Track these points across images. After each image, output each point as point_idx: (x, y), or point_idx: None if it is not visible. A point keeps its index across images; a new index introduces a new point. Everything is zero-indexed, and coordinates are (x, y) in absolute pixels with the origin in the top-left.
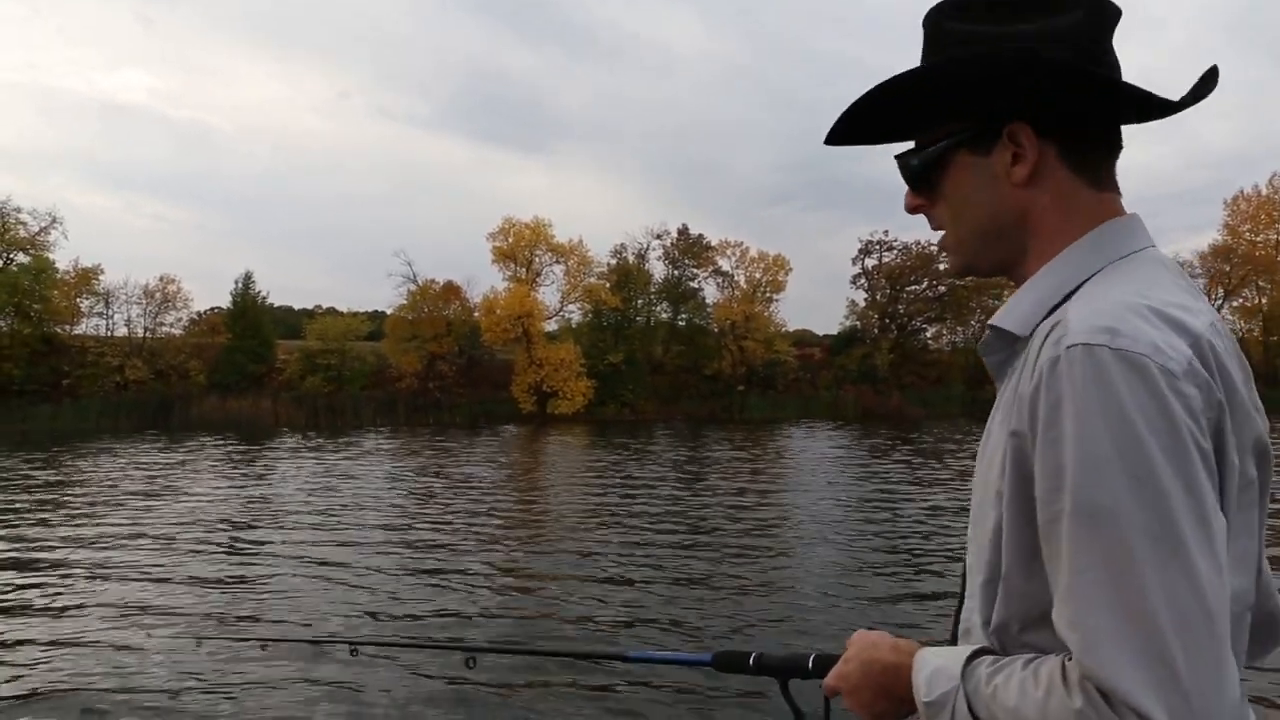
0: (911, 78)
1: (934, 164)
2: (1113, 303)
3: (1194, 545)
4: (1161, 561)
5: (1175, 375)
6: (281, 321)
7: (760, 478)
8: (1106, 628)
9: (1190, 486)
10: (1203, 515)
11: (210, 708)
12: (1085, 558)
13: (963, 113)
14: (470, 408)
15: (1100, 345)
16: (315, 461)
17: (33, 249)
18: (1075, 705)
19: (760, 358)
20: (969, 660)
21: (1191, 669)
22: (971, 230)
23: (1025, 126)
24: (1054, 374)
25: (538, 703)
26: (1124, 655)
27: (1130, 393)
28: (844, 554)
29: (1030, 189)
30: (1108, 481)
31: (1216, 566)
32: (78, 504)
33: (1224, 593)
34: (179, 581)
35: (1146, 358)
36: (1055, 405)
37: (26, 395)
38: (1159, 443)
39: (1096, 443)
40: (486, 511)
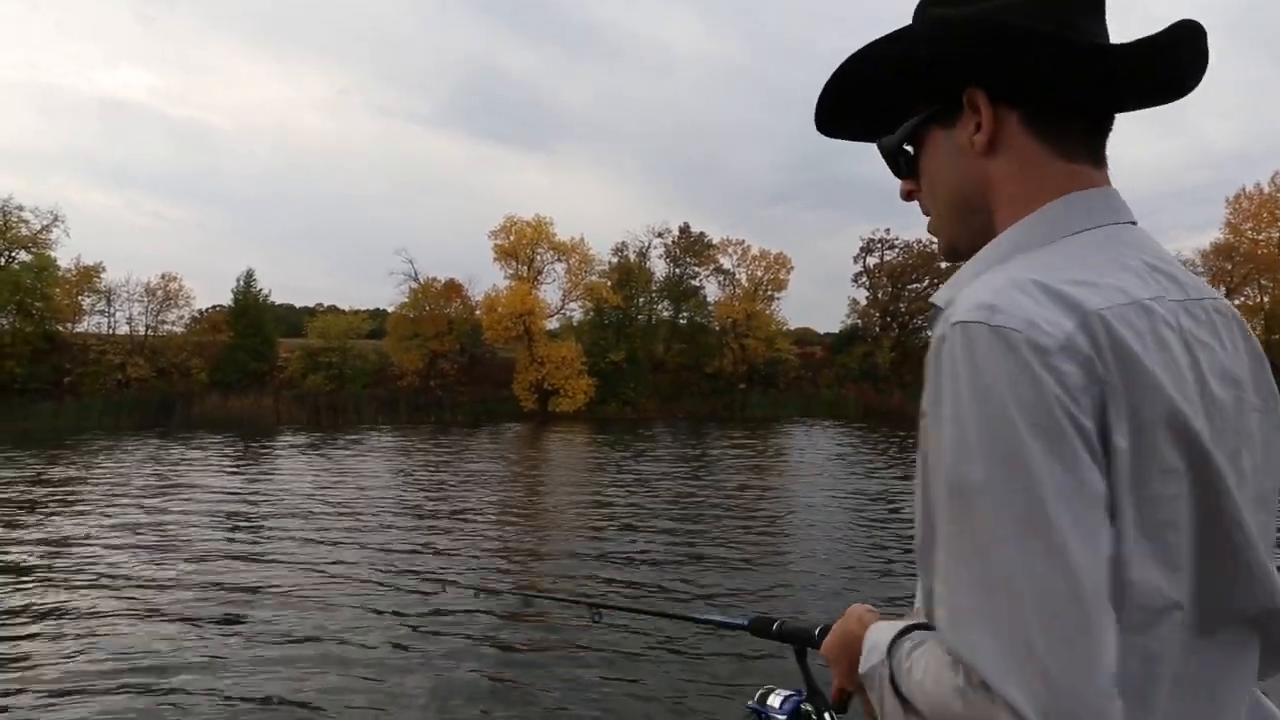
0: (868, 52)
1: (910, 142)
2: (1005, 279)
3: (1061, 523)
4: (1024, 540)
5: (1048, 350)
6: (283, 320)
7: (764, 474)
8: (968, 606)
9: (1060, 464)
10: (1073, 493)
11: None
12: (954, 537)
13: (927, 88)
14: (472, 406)
15: (978, 322)
16: (318, 460)
17: (34, 247)
18: (958, 682)
19: (761, 356)
20: (898, 635)
21: (1052, 651)
22: (945, 205)
23: (979, 91)
24: (936, 353)
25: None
26: (984, 635)
27: (999, 369)
28: (857, 544)
29: (994, 158)
30: (975, 459)
31: (1085, 545)
32: (79, 501)
33: (1096, 572)
34: (182, 581)
35: (1018, 333)
36: (936, 385)
37: (28, 393)
38: (1027, 420)
39: (966, 421)
40: (500, 506)
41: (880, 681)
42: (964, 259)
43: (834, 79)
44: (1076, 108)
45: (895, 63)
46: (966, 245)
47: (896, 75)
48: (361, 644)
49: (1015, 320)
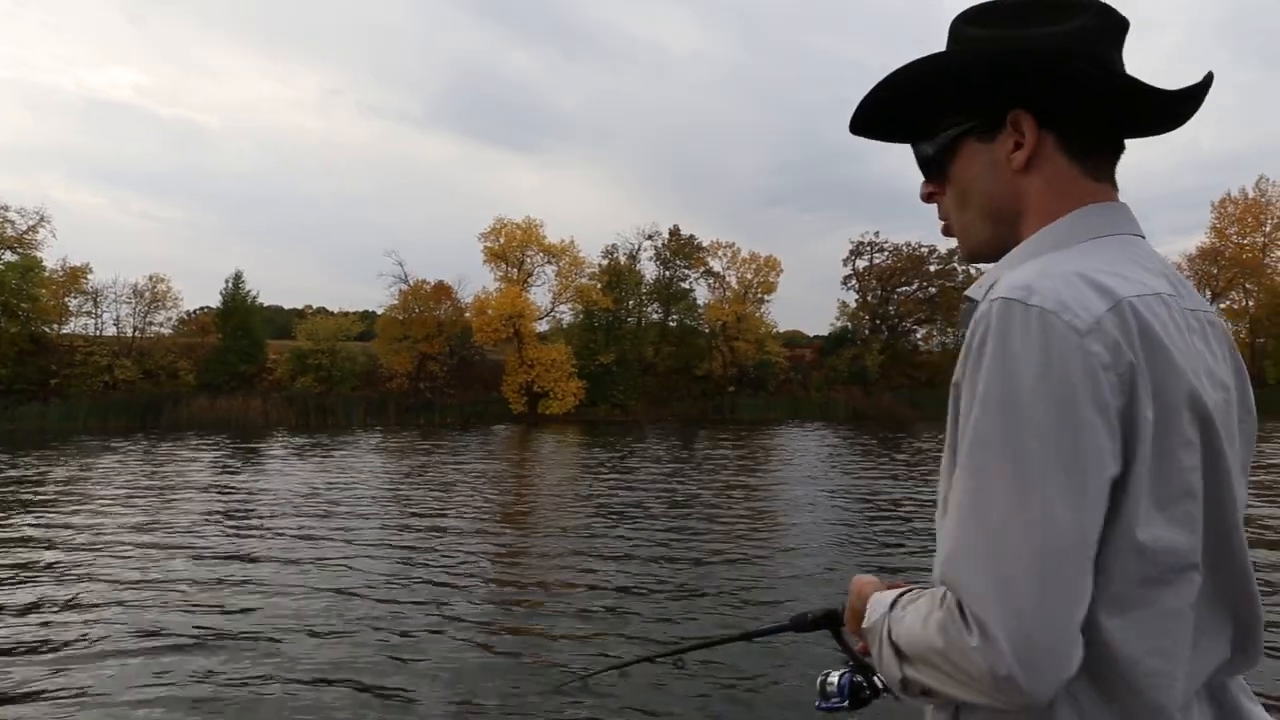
0: (929, 63)
1: (944, 151)
2: (1042, 267)
3: (1055, 484)
4: (1021, 492)
5: (1079, 331)
6: (271, 321)
7: (754, 476)
8: (966, 541)
9: (1068, 430)
10: (1075, 457)
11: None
12: (965, 481)
13: (972, 103)
14: (461, 408)
15: (1015, 300)
16: (307, 462)
17: (20, 247)
18: (939, 616)
19: (751, 359)
20: (902, 593)
21: (1030, 592)
22: (976, 214)
23: (1027, 115)
24: (978, 327)
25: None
26: (974, 568)
27: (1026, 342)
28: (852, 543)
29: (1027, 175)
30: (994, 418)
31: (1077, 508)
32: (64, 502)
33: (1080, 534)
34: (161, 581)
35: (1053, 313)
36: (976, 355)
37: (14, 395)
38: (1044, 389)
39: (993, 385)
40: (491, 511)
41: (880, 635)
42: (984, 262)
43: (880, 88)
44: (1110, 135)
45: (942, 78)
46: (990, 251)
47: (940, 89)
48: (351, 644)
49: (1049, 301)
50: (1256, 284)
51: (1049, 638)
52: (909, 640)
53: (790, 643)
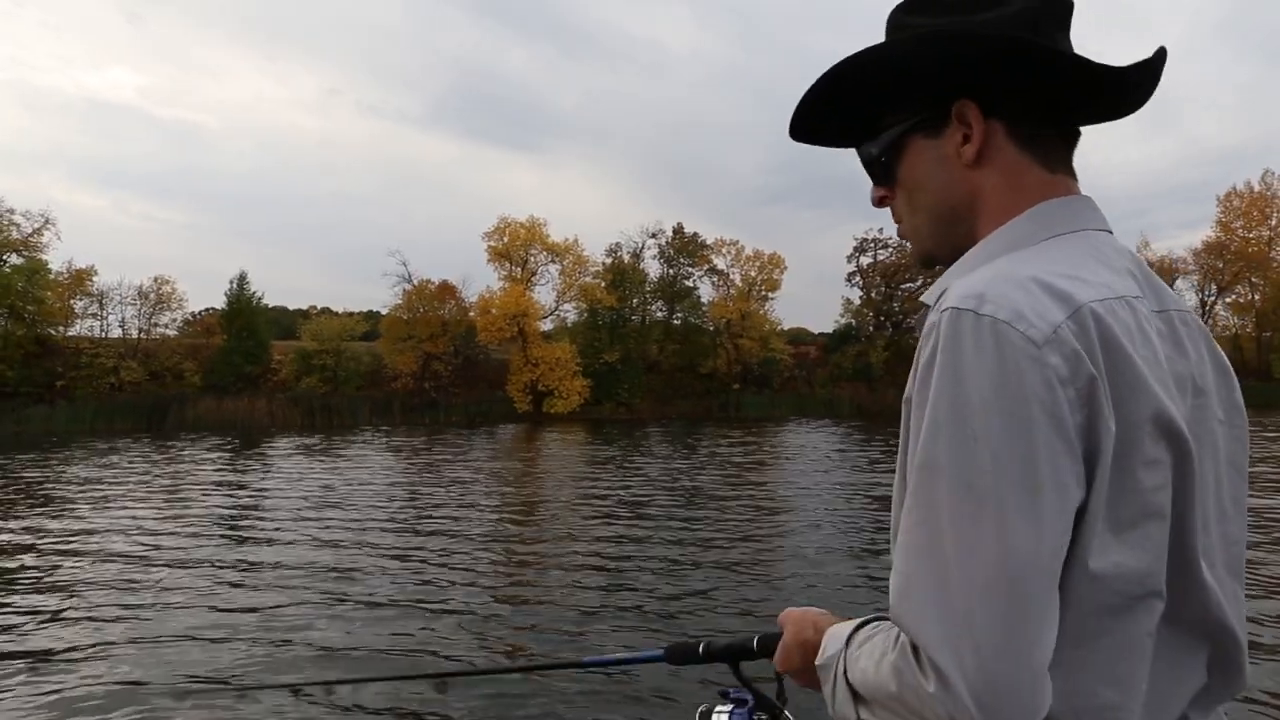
0: (867, 56)
1: (890, 151)
2: (995, 272)
3: (1013, 508)
4: (977, 519)
5: (1036, 343)
6: (276, 322)
7: (759, 474)
8: (916, 576)
9: (1025, 450)
10: (1034, 479)
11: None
12: (915, 511)
13: (915, 96)
14: (466, 407)
15: (967, 310)
16: (313, 462)
17: (26, 250)
18: (892, 657)
19: (755, 356)
20: (859, 626)
21: (989, 629)
22: (927, 214)
23: (971, 104)
24: (928, 339)
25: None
26: (926, 606)
27: (978, 357)
28: (835, 542)
29: (980, 169)
30: (945, 439)
31: (1038, 530)
32: (72, 504)
33: (1043, 559)
34: (174, 577)
35: (1007, 324)
36: (925, 369)
37: (20, 397)
38: (997, 406)
39: (941, 402)
40: (485, 511)
41: (835, 672)
42: (939, 265)
43: (817, 87)
44: (1059, 120)
45: (880, 73)
46: (946, 253)
47: (879, 85)
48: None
49: (1003, 310)
50: (1262, 278)
51: (1012, 679)
52: (863, 681)
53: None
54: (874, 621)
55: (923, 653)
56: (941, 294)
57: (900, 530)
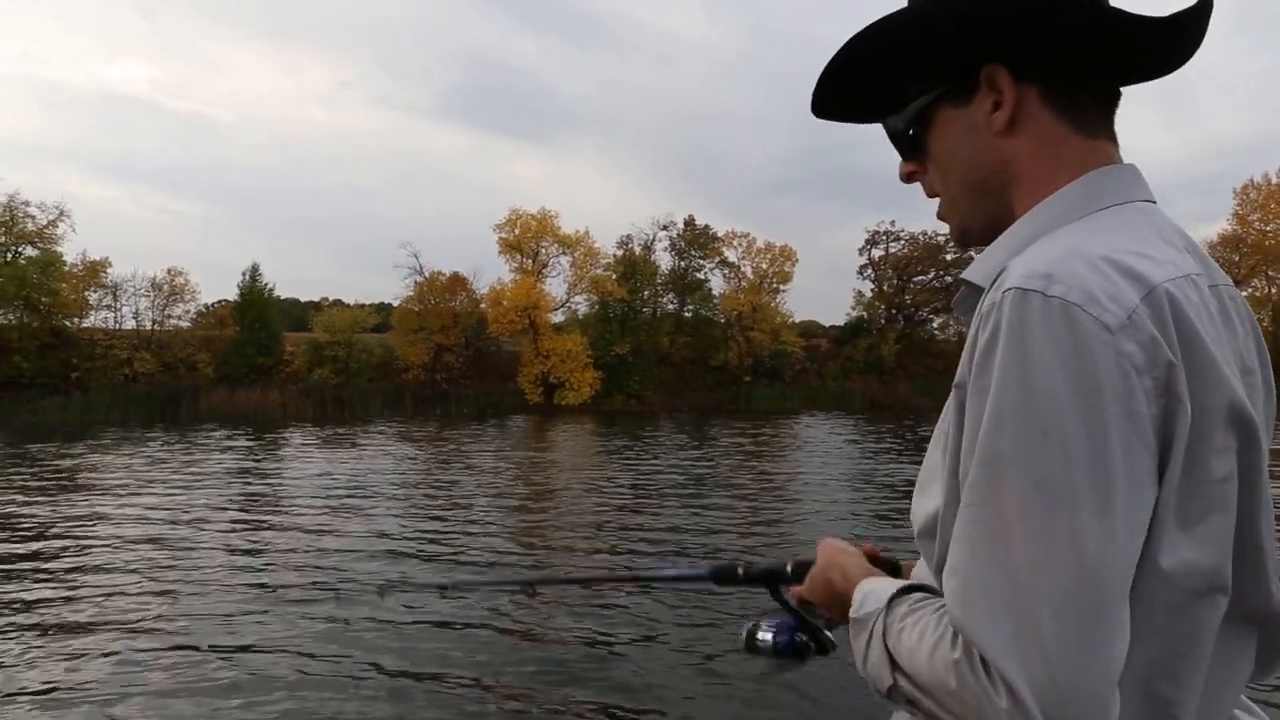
0: (889, 23)
1: (917, 122)
2: (1062, 249)
3: (1088, 507)
4: (1047, 520)
5: (1110, 328)
6: (288, 314)
7: (770, 465)
8: (981, 581)
9: (1099, 446)
10: (1108, 477)
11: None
12: (977, 509)
13: (941, 63)
14: (477, 399)
15: (1034, 291)
16: (325, 453)
17: (41, 242)
18: (954, 656)
19: (767, 349)
20: (901, 592)
21: (1057, 636)
22: (960, 187)
23: (1000, 68)
24: (987, 322)
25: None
26: (992, 611)
27: (1050, 343)
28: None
29: (1013, 137)
30: (1011, 432)
31: (1112, 532)
32: (88, 495)
33: (1118, 561)
34: (199, 574)
35: (1079, 307)
36: (985, 354)
37: (35, 388)
38: (1071, 399)
39: (1009, 392)
40: (501, 495)
41: (872, 631)
42: (976, 243)
43: (838, 58)
44: (1097, 81)
45: (903, 39)
46: (981, 228)
47: (903, 53)
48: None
49: (1074, 292)
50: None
51: (1084, 693)
52: (912, 664)
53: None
54: (917, 591)
55: (992, 665)
56: (1001, 272)
57: (957, 527)
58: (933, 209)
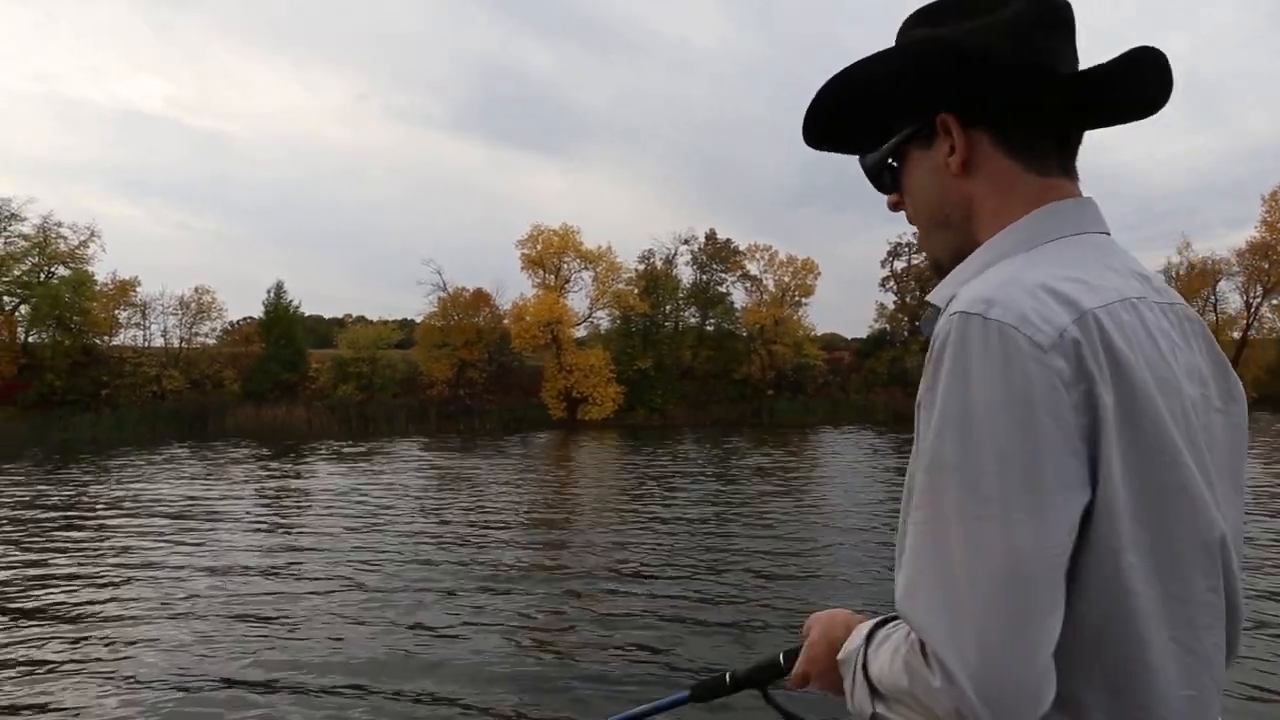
0: (852, 73)
1: (888, 161)
2: (1004, 277)
3: (1017, 507)
4: (980, 520)
5: (1042, 346)
6: (312, 330)
7: (795, 482)
8: (923, 575)
9: (1030, 451)
10: (1038, 479)
11: None
12: (921, 510)
13: (905, 109)
14: (501, 414)
15: (975, 314)
16: (352, 469)
17: (73, 262)
18: (903, 653)
19: (789, 362)
20: (879, 624)
21: (991, 626)
22: (926, 222)
23: (951, 117)
24: (936, 341)
25: None
26: (932, 603)
27: (986, 360)
28: (873, 553)
29: (968, 178)
30: (951, 440)
31: (1041, 531)
32: (121, 511)
33: (1046, 558)
34: (231, 587)
35: (1014, 328)
36: (934, 372)
37: (67, 405)
38: (1003, 409)
39: (949, 404)
40: (532, 519)
41: (855, 665)
42: (948, 271)
43: (821, 95)
44: (1048, 127)
45: (876, 84)
46: (949, 257)
47: (877, 95)
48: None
49: (1010, 314)
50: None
51: (1015, 674)
52: (879, 677)
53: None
54: (894, 620)
55: (929, 648)
56: (951, 298)
57: (907, 528)
58: None
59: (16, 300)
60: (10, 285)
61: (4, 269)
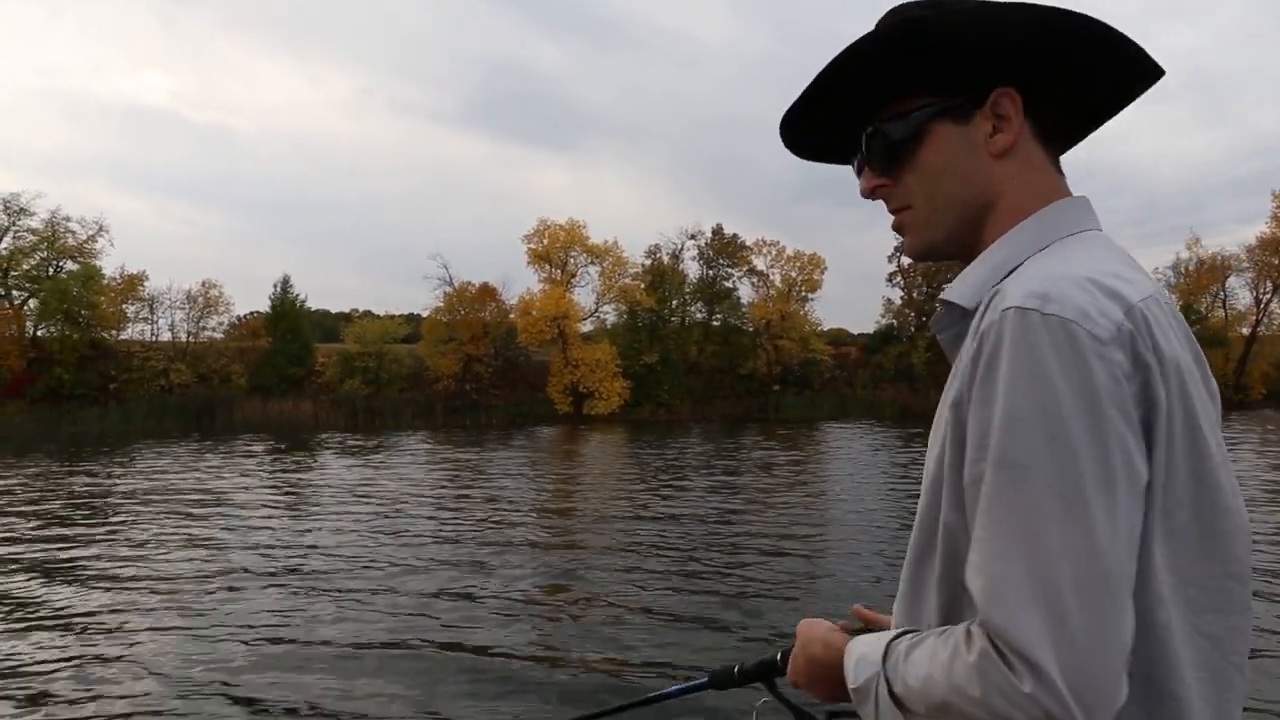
0: (904, 30)
1: (916, 132)
2: (1050, 272)
3: (1096, 506)
4: (1065, 519)
5: (1101, 340)
6: (319, 325)
7: (802, 477)
8: (1009, 576)
9: (1102, 446)
10: (1110, 474)
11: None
12: (997, 510)
13: (949, 79)
14: (507, 409)
15: (1032, 309)
16: (359, 463)
17: (81, 256)
18: (971, 659)
19: (796, 357)
20: (890, 642)
21: (1083, 624)
22: (946, 201)
23: (1014, 93)
24: (988, 339)
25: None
26: (1022, 604)
27: (1054, 356)
28: (879, 550)
29: (1005, 161)
30: (1025, 439)
31: (1117, 530)
32: (132, 502)
33: (1123, 552)
34: (238, 581)
35: (1074, 323)
36: (989, 367)
37: (75, 399)
38: (1075, 405)
39: (1018, 402)
40: (538, 514)
41: (876, 693)
42: (937, 259)
43: (840, 64)
44: (1079, 116)
45: (919, 47)
46: (949, 243)
47: (914, 61)
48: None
49: (1068, 309)
50: None
51: (1105, 673)
52: (924, 691)
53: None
54: (907, 634)
55: (1019, 651)
56: (995, 294)
57: (977, 530)
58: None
59: (25, 294)
60: (19, 279)
61: (13, 263)
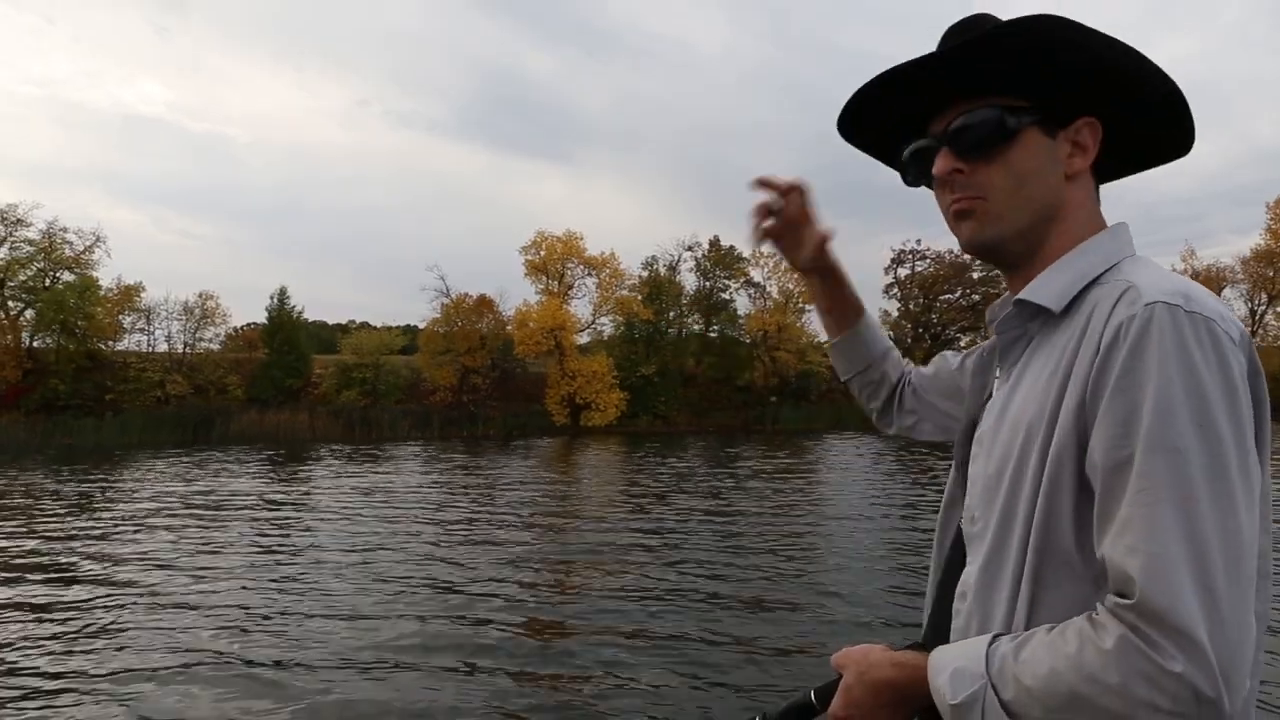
0: (1034, 32)
1: (1005, 128)
2: (1166, 275)
3: (1239, 491)
4: (1217, 501)
5: (1234, 340)
6: (316, 336)
7: (800, 490)
8: (1170, 555)
9: (1240, 439)
10: (1246, 466)
11: None
12: (1155, 492)
13: (1045, 93)
14: (504, 420)
15: (1176, 306)
16: (355, 475)
17: (78, 267)
18: (1107, 645)
19: (793, 368)
20: (989, 647)
21: (1231, 601)
22: (1026, 204)
23: (1096, 123)
24: (1126, 330)
25: None
26: (1183, 580)
27: (1201, 350)
28: (881, 568)
29: (1072, 183)
30: (1179, 425)
31: (1253, 514)
32: (125, 514)
33: (1254, 537)
34: (231, 594)
35: (1215, 322)
36: (1132, 356)
37: (71, 410)
38: (1220, 397)
39: (1171, 391)
40: (534, 527)
41: (985, 705)
42: (997, 258)
43: (961, 45)
44: (1126, 162)
45: (1039, 55)
46: (1017, 243)
47: (1028, 66)
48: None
49: (1207, 309)
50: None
51: (1245, 653)
52: (1046, 690)
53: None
54: (1000, 637)
55: (1177, 631)
56: (1124, 291)
57: (1130, 510)
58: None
59: (22, 305)
60: (16, 290)
61: (10, 274)
